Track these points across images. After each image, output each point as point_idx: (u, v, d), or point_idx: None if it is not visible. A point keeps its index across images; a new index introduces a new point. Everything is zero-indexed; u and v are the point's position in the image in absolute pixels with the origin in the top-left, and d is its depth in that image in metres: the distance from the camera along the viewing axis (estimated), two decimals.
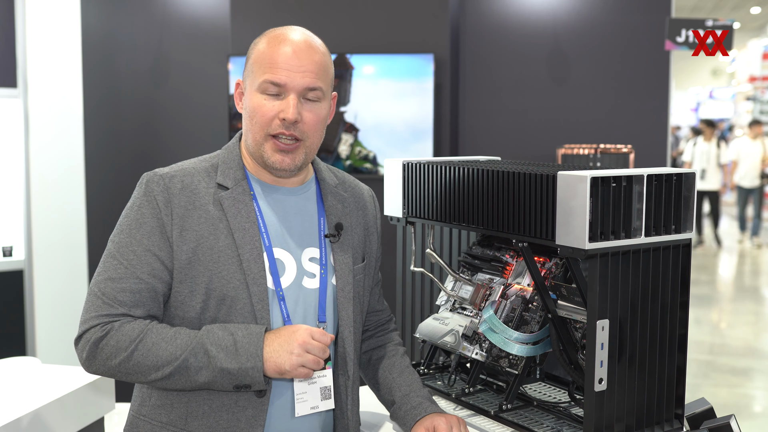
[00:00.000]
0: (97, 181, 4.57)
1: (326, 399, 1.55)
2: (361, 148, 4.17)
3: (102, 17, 4.58)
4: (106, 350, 1.42)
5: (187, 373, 1.41)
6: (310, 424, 1.56)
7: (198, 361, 1.41)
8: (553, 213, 1.51)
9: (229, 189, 1.53)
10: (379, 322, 1.82)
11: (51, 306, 4.13)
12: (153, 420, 1.51)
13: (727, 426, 1.59)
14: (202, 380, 1.42)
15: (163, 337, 1.43)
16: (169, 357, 1.41)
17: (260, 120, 1.51)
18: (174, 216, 1.47)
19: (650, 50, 4.25)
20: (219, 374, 1.41)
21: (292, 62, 1.49)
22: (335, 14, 4.27)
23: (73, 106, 4.31)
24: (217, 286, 1.47)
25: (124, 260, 1.46)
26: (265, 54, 1.51)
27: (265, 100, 1.50)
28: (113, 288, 1.45)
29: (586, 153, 3.80)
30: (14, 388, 2.10)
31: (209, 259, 1.47)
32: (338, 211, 1.64)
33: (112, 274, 1.46)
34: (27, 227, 3.99)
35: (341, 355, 1.60)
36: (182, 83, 4.57)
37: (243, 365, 1.40)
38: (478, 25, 4.40)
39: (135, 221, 1.48)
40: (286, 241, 1.56)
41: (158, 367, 1.41)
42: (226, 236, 1.49)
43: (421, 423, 1.60)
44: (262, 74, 1.50)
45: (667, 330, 1.60)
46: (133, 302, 1.45)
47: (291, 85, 1.49)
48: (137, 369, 1.42)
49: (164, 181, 1.50)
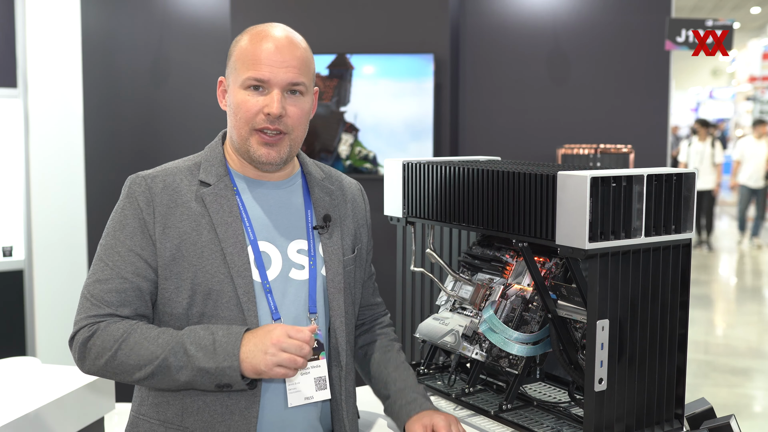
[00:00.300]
0: (97, 181, 4.57)
1: (321, 389, 1.56)
2: (361, 148, 4.17)
3: (102, 17, 4.58)
4: (94, 350, 1.46)
5: (168, 372, 1.43)
6: (306, 414, 1.57)
7: (178, 360, 1.43)
8: (553, 213, 1.51)
9: (211, 185, 1.55)
10: (374, 317, 1.82)
11: (51, 306, 4.13)
12: (151, 419, 1.53)
13: (727, 426, 1.59)
14: (183, 379, 1.43)
15: (146, 336, 1.45)
16: (151, 356, 1.43)
17: (245, 115, 1.53)
18: (156, 215, 1.51)
19: (650, 50, 4.25)
20: (198, 373, 1.42)
21: (275, 58, 1.52)
22: (335, 14, 4.27)
23: (73, 106, 4.31)
24: (202, 281, 1.49)
25: (110, 261, 1.50)
26: (248, 51, 1.53)
27: (248, 95, 1.52)
28: (100, 289, 1.49)
29: (586, 153, 3.80)
30: (14, 388, 2.10)
31: (193, 255, 1.50)
32: (326, 203, 1.66)
33: (99, 275, 1.50)
34: (27, 227, 3.99)
35: (333, 347, 1.60)
36: (182, 83, 4.57)
37: (220, 365, 1.41)
38: (478, 25, 4.40)
39: (119, 223, 1.52)
40: (271, 234, 1.58)
41: (140, 366, 1.44)
42: (209, 231, 1.51)
43: (417, 419, 1.60)
44: (246, 71, 1.52)
45: (667, 330, 1.60)
46: (120, 302, 1.48)
47: (274, 81, 1.52)
48: (122, 368, 1.45)
49: (146, 182, 1.53)
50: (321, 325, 1.59)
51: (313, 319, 1.57)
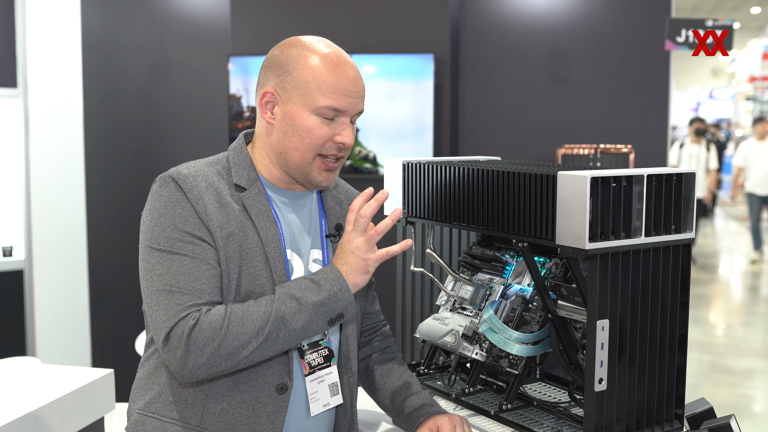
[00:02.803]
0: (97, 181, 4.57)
1: (335, 395, 1.58)
2: (361, 148, 4.17)
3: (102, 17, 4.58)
4: (201, 337, 1.38)
5: (284, 324, 1.41)
6: (324, 421, 1.60)
7: (290, 308, 1.41)
8: (553, 213, 1.51)
9: (246, 189, 1.54)
10: (374, 327, 1.82)
11: (51, 306, 4.13)
12: (163, 416, 1.50)
13: (727, 426, 1.59)
14: (300, 324, 1.42)
15: (246, 307, 1.42)
16: (263, 315, 1.40)
17: (316, 141, 1.51)
18: (207, 212, 1.46)
19: (650, 50, 4.25)
20: (314, 310, 1.42)
21: (352, 89, 1.51)
22: (335, 14, 4.27)
23: (73, 106, 4.31)
24: (244, 282, 1.48)
25: (187, 252, 1.43)
26: (326, 78, 1.49)
27: (322, 122, 1.50)
28: (186, 279, 1.42)
29: (586, 153, 3.80)
30: (14, 388, 2.10)
31: (239, 256, 1.48)
32: (337, 212, 1.67)
33: (178, 267, 1.42)
34: (27, 227, 3.99)
35: (344, 353, 1.62)
36: (182, 83, 4.57)
37: (331, 290, 1.43)
38: (478, 25, 4.40)
39: (178, 216, 1.45)
40: (295, 242, 1.59)
41: (256, 331, 1.39)
42: (253, 234, 1.50)
43: (424, 424, 1.61)
44: (324, 98, 1.49)
45: (667, 330, 1.60)
46: (211, 289, 1.43)
47: (350, 111, 1.52)
48: (236, 343, 1.38)
49: (189, 180, 1.48)
50: (333, 333, 1.61)
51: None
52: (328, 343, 1.58)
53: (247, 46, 4.34)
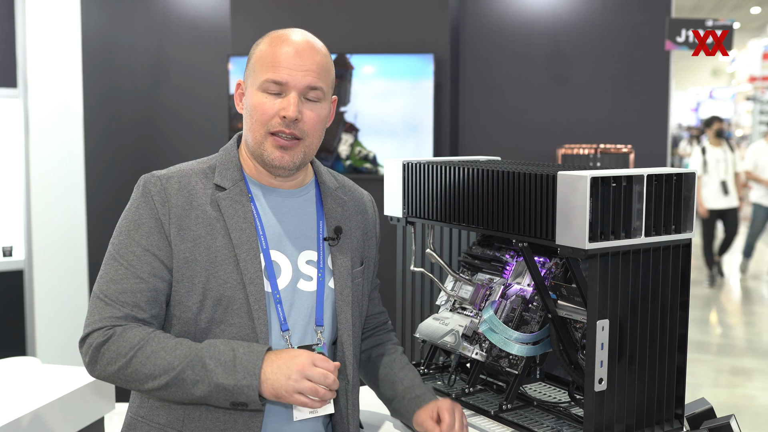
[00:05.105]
0: (97, 181, 4.57)
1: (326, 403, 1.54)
2: (361, 148, 4.17)
3: (102, 17, 4.58)
4: (107, 355, 1.42)
5: (183, 385, 1.40)
6: (308, 429, 1.55)
7: (195, 374, 1.39)
8: (553, 213, 1.51)
9: (226, 190, 1.53)
10: (377, 324, 1.82)
11: (51, 306, 4.13)
12: (151, 421, 1.50)
13: (727, 426, 1.60)
14: (198, 394, 1.40)
15: (164, 346, 1.42)
16: (167, 367, 1.40)
17: (260, 117, 1.50)
18: (171, 216, 1.48)
19: (650, 50, 4.24)
20: (215, 389, 1.39)
21: (294, 61, 1.50)
22: (335, 14, 4.27)
23: (73, 106, 4.31)
24: (213, 287, 1.47)
25: (125, 261, 1.46)
26: (267, 53, 1.51)
27: (265, 98, 1.50)
28: (115, 289, 1.45)
29: (586, 153, 3.80)
30: (14, 388, 2.10)
31: (206, 260, 1.47)
32: (338, 214, 1.63)
33: (114, 275, 1.46)
34: (27, 227, 3.99)
35: (340, 360, 1.58)
36: (182, 83, 4.57)
37: (239, 382, 1.38)
38: (478, 25, 4.40)
39: (133, 222, 1.49)
40: (283, 243, 1.56)
41: (155, 376, 1.40)
42: (223, 236, 1.49)
43: (423, 409, 1.61)
44: (264, 73, 1.50)
45: (667, 330, 1.60)
46: (135, 302, 1.45)
47: (292, 84, 1.50)
48: (134, 377, 1.42)
49: (161, 182, 1.50)
50: (327, 339, 1.58)
51: (319, 332, 1.55)
52: (323, 349, 1.54)
53: (247, 46, 4.32)
